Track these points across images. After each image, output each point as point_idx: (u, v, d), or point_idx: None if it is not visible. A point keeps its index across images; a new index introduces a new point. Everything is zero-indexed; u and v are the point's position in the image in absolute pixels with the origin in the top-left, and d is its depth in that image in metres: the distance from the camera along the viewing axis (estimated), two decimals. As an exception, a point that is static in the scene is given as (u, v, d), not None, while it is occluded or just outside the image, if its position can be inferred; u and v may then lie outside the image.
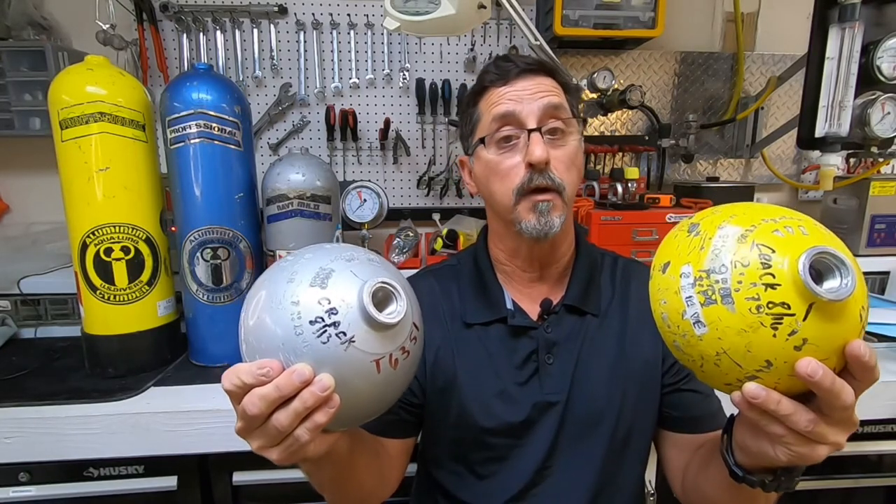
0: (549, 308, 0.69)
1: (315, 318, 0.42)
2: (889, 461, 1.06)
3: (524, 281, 0.73)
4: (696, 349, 0.41)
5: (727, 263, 0.39)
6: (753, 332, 0.38)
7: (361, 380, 0.43)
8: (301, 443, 0.42)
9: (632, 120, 1.56)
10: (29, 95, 1.24)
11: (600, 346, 0.69)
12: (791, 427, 0.40)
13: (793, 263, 0.37)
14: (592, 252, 0.76)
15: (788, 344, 0.37)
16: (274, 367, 0.41)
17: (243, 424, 0.43)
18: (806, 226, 0.40)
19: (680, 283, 0.41)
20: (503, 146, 0.66)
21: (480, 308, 0.71)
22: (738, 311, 0.38)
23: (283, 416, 0.41)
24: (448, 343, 0.70)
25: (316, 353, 0.41)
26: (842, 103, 1.07)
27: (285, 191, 1.00)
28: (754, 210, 0.42)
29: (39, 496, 0.90)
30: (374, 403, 0.48)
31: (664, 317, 0.43)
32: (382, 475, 0.67)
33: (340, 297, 0.43)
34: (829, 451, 0.42)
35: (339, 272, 0.44)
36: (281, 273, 0.45)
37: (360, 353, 0.43)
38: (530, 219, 0.64)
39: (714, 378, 0.42)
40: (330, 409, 0.41)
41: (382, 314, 0.43)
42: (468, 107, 0.71)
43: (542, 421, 0.67)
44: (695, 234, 0.42)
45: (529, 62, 0.67)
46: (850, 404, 0.39)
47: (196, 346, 1.05)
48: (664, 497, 0.98)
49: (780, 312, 0.37)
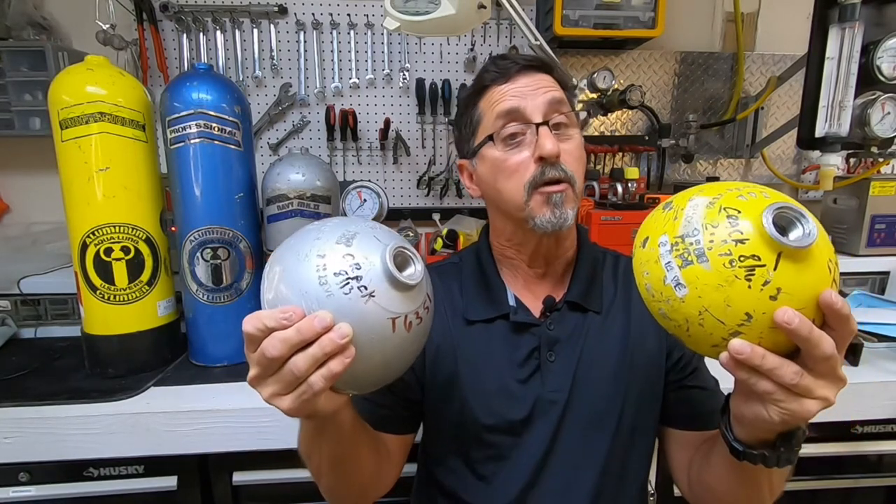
0: (552, 305, 0.69)
1: (339, 270, 0.44)
2: (889, 461, 1.06)
3: (528, 277, 0.72)
4: (681, 312, 0.43)
5: (699, 227, 0.41)
6: (730, 285, 0.40)
7: (377, 336, 0.45)
8: (314, 390, 0.43)
9: (632, 120, 1.56)
10: (29, 95, 1.24)
11: (603, 343, 0.69)
12: (778, 381, 0.41)
13: (757, 218, 0.39)
14: (594, 250, 0.76)
15: (763, 294, 0.39)
16: (296, 313, 0.43)
17: (259, 370, 0.44)
18: (767, 192, 0.43)
19: (659, 251, 0.43)
20: (509, 143, 0.65)
21: (482, 304, 0.71)
22: (714, 268, 0.40)
23: (300, 360, 0.42)
24: (449, 339, 0.70)
25: (338, 303, 0.43)
26: (842, 103, 1.07)
27: (285, 191, 1.00)
28: (720, 185, 0.45)
29: (39, 496, 0.89)
30: (385, 365, 0.49)
31: (648, 287, 0.45)
32: (380, 468, 0.67)
33: (364, 255, 0.46)
34: (820, 407, 0.43)
35: (363, 235, 0.47)
36: (307, 233, 0.48)
37: (378, 308, 0.45)
38: (545, 212, 0.64)
39: (701, 341, 0.44)
40: (346, 359, 0.43)
41: (403, 274, 0.46)
42: (467, 108, 0.71)
43: (543, 419, 0.67)
44: (668, 209, 0.45)
45: (529, 59, 0.67)
46: (831, 354, 0.40)
47: (196, 346, 1.05)
48: (664, 497, 0.98)
49: (752, 264, 0.39)
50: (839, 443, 1.02)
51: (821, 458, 1.02)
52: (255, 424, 0.87)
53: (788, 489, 1.04)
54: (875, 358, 1.04)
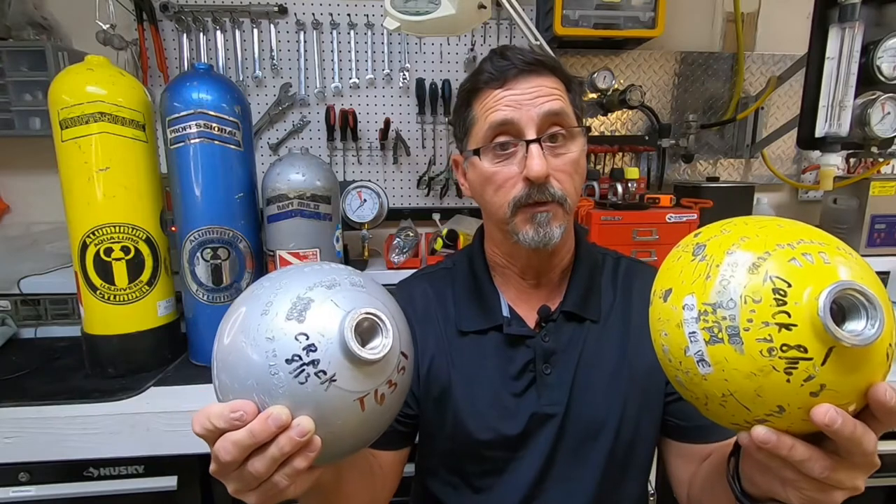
0: (547, 315, 0.66)
1: (292, 356, 0.38)
2: (889, 461, 1.06)
3: (521, 287, 0.70)
4: (700, 388, 0.37)
5: (736, 298, 0.34)
6: (764, 376, 0.33)
7: (344, 419, 0.40)
8: (279, 489, 0.40)
9: (632, 120, 1.56)
10: (29, 95, 1.24)
11: (601, 353, 0.66)
12: (805, 473, 0.37)
13: (811, 301, 0.32)
14: (593, 253, 0.73)
15: (804, 390, 0.33)
16: (248, 410, 0.38)
17: (217, 468, 0.40)
18: (828, 252, 0.34)
19: (683, 315, 0.37)
20: (499, 154, 0.62)
21: (475, 315, 0.68)
22: (748, 353, 0.34)
23: (259, 464, 0.38)
24: (443, 351, 0.68)
25: (293, 394, 0.38)
26: (842, 103, 1.07)
27: (285, 191, 1.00)
28: (768, 232, 0.36)
29: (39, 496, 0.89)
30: (360, 439, 0.44)
31: (665, 349, 0.39)
32: (374, 491, 0.65)
33: (319, 332, 0.39)
34: (846, 496, 0.38)
35: (319, 302, 0.40)
36: (256, 302, 0.41)
37: (342, 392, 0.39)
38: (528, 230, 0.61)
39: (720, 418, 0.39)
40: (310, 454, 0.38)
41: (366, 349, 0.39)
42: (462, 106, 0.67)
43: (540, 433, 0.65)
44: (700, 259, 0.37)
45: (528, 60, 0.61)
46: (872, 450, 0.35)
47: (196, 346, 1.05)
48: (664, 497, 0.98)
49: (796, 356, 0.33)
50: (839, 443, 1.01)
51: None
52: (255, 424, 0.87)
53: (788, 489, 1.05)
54: None
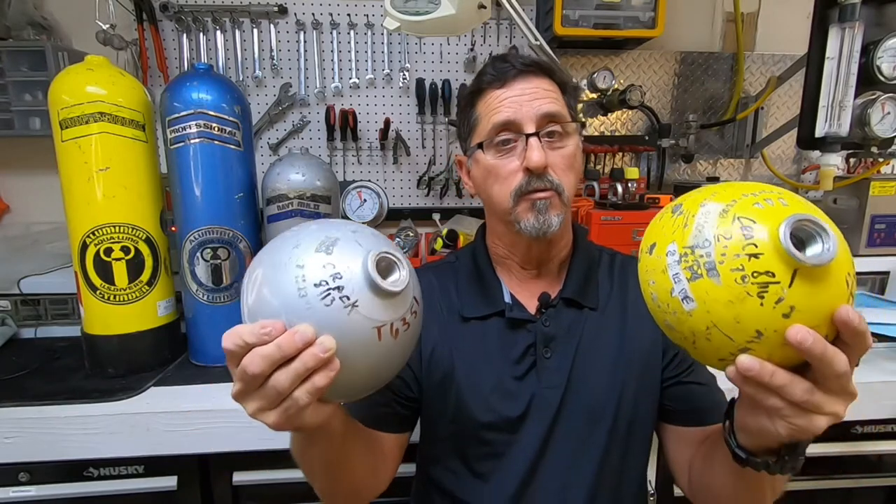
0: (548, 302, 0.70)
1: (319, 280, 0.42)
2: (889, 461, 1.06)
3: (522, 276, 0.73)
4: (687, 325, 0.41)
5: (710, 238, 0.39)
6: (740, 302, 0.38)
7: (362, 346, 0.44)
8: (299, 406, 0.42)
9: (632, 120, 1.56)
10: (29, 95, 1.24)
11: (599, 339, 0.70)
12: (787, 398, 0.40)
13: (773, 231, 0.37)
14: (590, 248, 0.77)
15: (776, 312, 0.37)
16: (276, 328, 0.41)
17: (241, 386, 0.43)
18: (786, 198, 0.40)
19: (666, 261, 0.41)
20: (501, 149, 0.67)
21: (478, 302, 0.72)
22: (724, 283, 0.38)
23: (283, 377, 0.41)
24: (445, 338, 0.71)
25: (319, 315, 0.42)
26: (842, 103, 1.07)
27: (285, 191, 1.00)
28: (734, 187, 0.42)
29: (39, 496, 0.89)
30: (373, 374, 0.47)
31: (654, 297, 0.43)
32: (375, 468, 0.67)
33: (345, 263, 0.43)
34: (829, 422, 0.41)
35: (344, 241, 0.45)
36: (285, 241, 0.46)
37: (362, 318, 0.43)
38: (529, 218, 0.65)
39: (707, 354, 0.42)
40: (330, 373, 0.41)
41: (386, 282, 0.44)
42: (466, 108, 0.72)
43: (539, 415, 0.67)
44: (678, 214, 0.43)
45: (527, 62, 0.67)
46: (845, 372, 0.39)
47: (196, 346, 1.05)
48: (664, 497, 0.98)
49: (766, 281, 0.37)
50: (839, 443, 1.02)
51: (821, 458, 1.02)
52: (255, 424, 0.86)
53: (788, 489, 1.04)
54: (875, 358, 1.04)
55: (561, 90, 0.69)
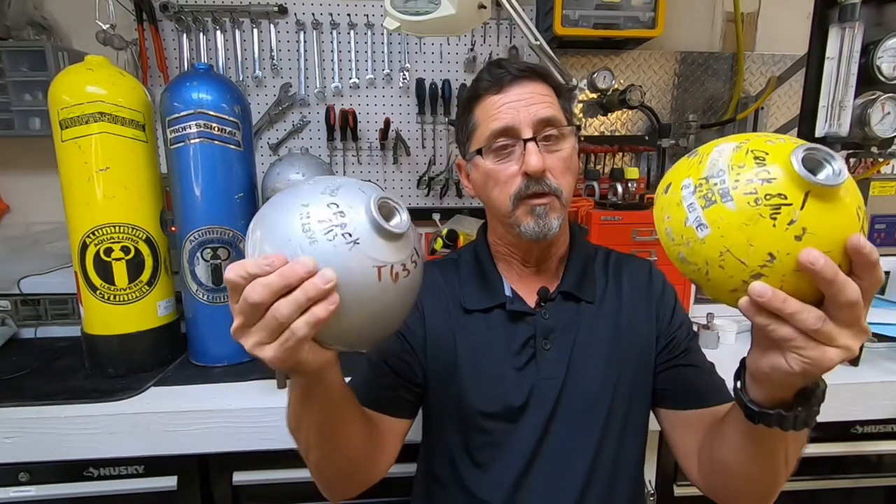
0: (547, 295, 0.72)
1: (323, 217, 0.44)
2: (889, 461, 1.06)
3: (522, 272, 0.76)
4: (701, 254, 0.42)
5: (724, 168, 0.41)
6: (754, 224, 0.39)
7: (361, 285, 0.44)
8: (298, 337, 0.42)
9: (632, 120, 1.56)
10: (29, 95, 1.24)
11: (596, 331, 0.72)
12: (799, 327, 0.40)
13: (786, 157, 0.39)
14: (586, 246, 0.80)
15: (789, 234, 0.38)
16: (279, 259, 0.42)
17: (242, 319, 0.44)
18: (793, 139, 0.42)
19: (681, 194, 0.43)
20: (500, 154, 0.68)
21: (480, 295, 0.74)
22: (738, 207, 0.39)
23: (283, 305, 0.42)
24: (449, 327, 0.73)
25: (321, 250, 0.43)
26: (842, 103, 1.07)
27: (285, 191, 1.00)
28: (746, 134, 0.44)
29: (39, 496, 0.89)
30: (371, 318, 0.47)
31: (668, 231, 0.44)
32: (373, 448, 0.65)
33: (348, 204, 0.45)
34: (842, 357, 0.41)
35: (348, 186, 0.47)
36: (290, 189, 0.48)
37: (363, 255, 0.44)
38: (528, 222, 0.67)
39: (720, 285, 0.42)
40: (330, 305, 0.42)
41: (388, 223, 0.45)
42: (464, 113, 0.74)
43: (539, 405, 0.69)
44: (693, 156, 0.45)
45: (522, 68, 0.69)
46: (857, 301, 0.39)
47: (196, 346, 1.05)
48: (664, 497, 0.98)
49: (778, 203, 0.38)
50: (839, 443, 1.02)
51: (821, 458, 1.02)
52: (255, 424, 0.87)
53: (789, 489, 1.04)
54: (875, 358, 1.04)
55: (556, 94, 0.71)
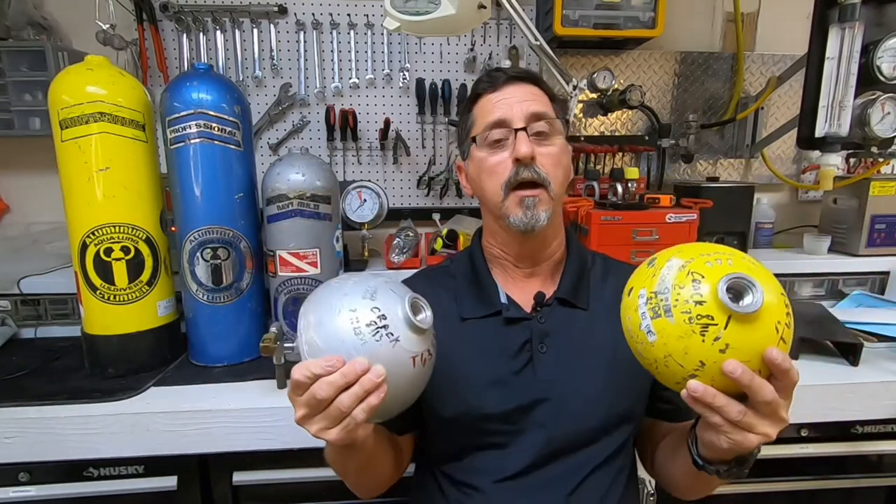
0: (542, 301, 0.74)
1: (370, 321, 0.53)
2: (889, 461, 1.06)
3: (517, 276, 0.77)
4: (651, 354, 0.51)
5: (669, 286, 0.50)
6: (688, 338, 0.48)
7: (402, 372, 0.55)
8: (357, 422, 0.51)
9: (632, 120, 1.56)
10: (29, 95, 1.24)
11: (590, 337, 0.74)
12: (725, 417, 0.49)
13: (713, 285, 0.47)
14: (583, 252, 0.82)
15: (714, 347, 0.47)
16: (339, 360, 0.51)
17: (307, 411, 0.52)
18: (734, 259, 0.50)
19: (637, 302, 0.52)
20: (494, 146, 0.72)
21: (476, 303, 0.76)
22: (676, 322, 0.48)
23: (346, 398, 0.51)
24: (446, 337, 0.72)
25: (370, 349, 0.53)
26: (842, 103, 1.07)
27: (285, 191, 1.00)
28: (698, 248, 0.53)
29: (39, 496, 0.89)
30: (407, 395, 0.58)
31: (629, 329, 0.54)
32: (397, 463, 0.76)
33: (387, 307, 0.55)
34: (760, 441, 0.50)
35: (382, 289, 0.57)
36: (332, 290, 0.57)
37: (403, 350, 0.55)
38: (517, 213, 0.70)
39: (667, 378, 0.52)
40: (381, 394, 0.51)
41: (418, 319, 0.56)
42: (464, 113, 0.78)
43: (538, 407, 0.70)
44: (651, 266, 0.54)
45: (517, 71, 0.75)
46: (773, 399, 0.48)
47: (196, 346, 1.05)
48: (664, 497, 0.98)
49: (706, 322, 0.47)
50: (839, 443, 1.02)
51: (821, 458, 1.02)
52: (255, 424, 0.87)
53: (789, 489, 1.05)
54: (875, 358, 1.04)
55: (549, 98, 0.75)
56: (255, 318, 1.07)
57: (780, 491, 1.04)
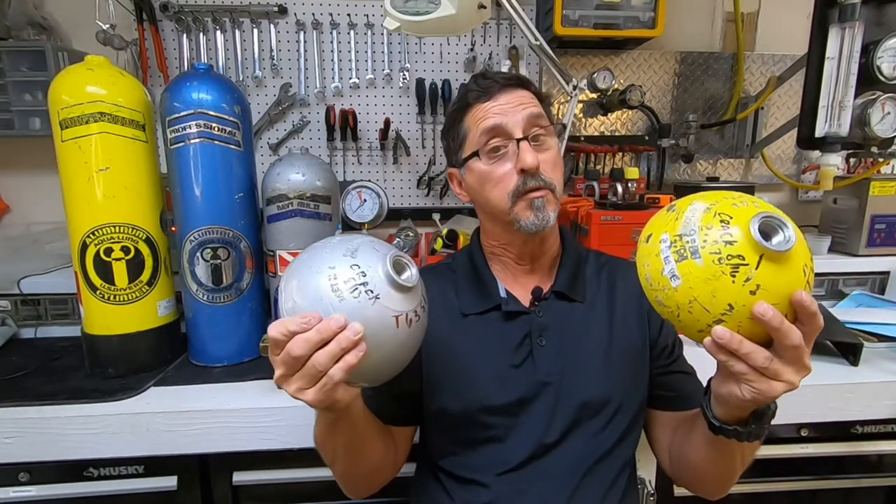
0: (540, 295, 0.76)
1: (349, 277, 0.52)
2: (889, 461, 1.06)
3: (517, 272, 0.79)
4: (674, 300, 0.49)
5: (696, 228, 0.48)
6: (717, 279, 0.46)
7: (383, 332, 0.53)
8: (334, 381, 0.50)
9: (632, 120, 1.56)
10: (29, 95, 1.24)
11: (588, 330, 0.75)
12: (751, 364, 0.48)
13: (745, 223, 0.46)
14: (577, 247, 0.83)
15: (745, 289, 0.45)
16: (315, 317, 0.50)
17: (285, 370, 0.51)
18: (759, 202, 0.49)
19: (660, 247, 0.50)
20: (493, 156, 0.72)
21: (476, 299, 0.77)
22: (705, 264, 0.46)
23: (321, 356, 0.49)
24: (447, 333, 0.75)
25: (349, 307, 0.51)
26: (842, 103, 1.07)
27: (285, 191, 1.00)
28: (720, 192, 0.52)
29: (39, 496, 0.89)
30: (391, 358, 0.56)
31: (648, 277, 0.52)
32: (388, 451, 0.74)
33: (368, 264, 0.53)
34: (785, 389, 0.50)
35: (364, 247, 0.55)
36: (315, 250, 0.56)
37: (384, 308, 0.52)
38: (528, 216, 0.71)
39: (689, 326, 0.50)
40: (359, 352, 0.50)
41: (401, 278, 0.54)
42: (454, 123, 0.78)
43: (538, 399, 0.71)
44: (671, 211, 0.52)
45: (508, 77, 0.75)
46: (798, 344, 0.47)
47: (196, 346, 1.05)
48: (664, 497, 0.98)
49: (737, 263, 0.45)
50: (839, 443, 1.02)
51: (821, 458, 1.02)
52: (255, 424, 0.87)
53: (789, 489, 1.05)
54: (875, 358, 1.04)
55: (539, 100, 0.76)
56: (255, 318, 1.07)
57: (780, 491, 1.04)
